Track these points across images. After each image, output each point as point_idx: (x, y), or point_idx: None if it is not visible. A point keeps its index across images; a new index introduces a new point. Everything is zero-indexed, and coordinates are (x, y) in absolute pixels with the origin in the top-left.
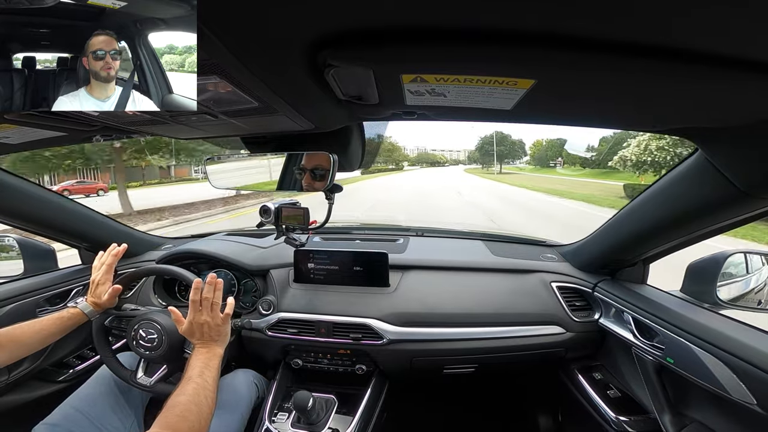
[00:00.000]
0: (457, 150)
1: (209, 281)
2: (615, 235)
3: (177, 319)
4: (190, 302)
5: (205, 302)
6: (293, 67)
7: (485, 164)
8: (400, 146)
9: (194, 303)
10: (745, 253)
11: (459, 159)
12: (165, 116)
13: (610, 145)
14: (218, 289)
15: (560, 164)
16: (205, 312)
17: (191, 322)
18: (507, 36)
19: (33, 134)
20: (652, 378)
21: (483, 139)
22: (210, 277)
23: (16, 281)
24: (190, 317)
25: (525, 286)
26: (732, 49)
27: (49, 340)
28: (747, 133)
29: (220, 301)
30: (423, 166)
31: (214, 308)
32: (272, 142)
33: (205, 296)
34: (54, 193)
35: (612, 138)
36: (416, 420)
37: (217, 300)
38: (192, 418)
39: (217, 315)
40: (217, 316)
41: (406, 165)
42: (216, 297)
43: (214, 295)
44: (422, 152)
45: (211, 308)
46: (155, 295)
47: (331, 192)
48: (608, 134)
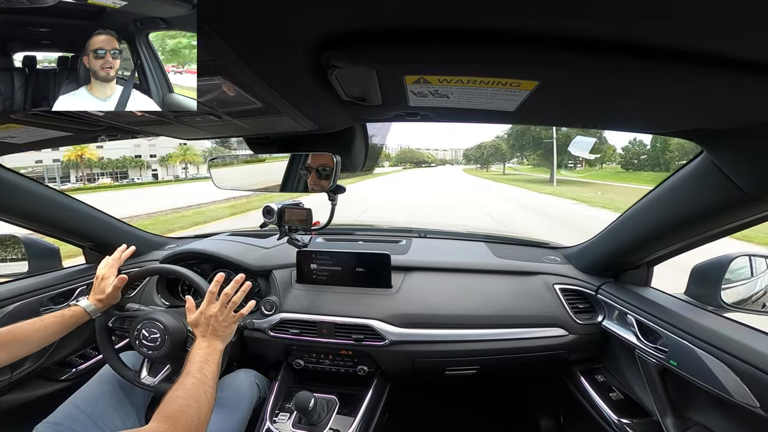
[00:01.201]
0: (443, 149)
1: (237, 279)
2: (619, 237)
3: (190, 306)
4: (207, 293)
5: (223, 297)
6: (297, 68)
7: (483, 164)
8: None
9: (212, 295)
10: (750, 255)
11: (446, 159)
12: (169, 116)
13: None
14: (243, 291)
15: (581, 163)
16: (218, 306)
17: (201, 312)
18: (510, 37)
19: (38, 134)
20: (655, 380)
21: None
22: (239, 277)
23: (20, 280)
24: (202, 307)
25: (528, 287)
26: (736, 50)
27: (50, 339)
28: (752, 135)
29: (239, 301)
30: (406, 167)
31: (230, 306)
32: (276, 143)
33: (226, 292)
34: (58, 192)
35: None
36: (418, 421)
37: (237, 300)
38: (191, 412)
39: (230, 313)
40: (230, 314)
41: (386, 166)
42: (237, 297)
43: (237, 296)
44: (405, 149)
45: (227, 305)
46: (158, 294)
47: (335, 193)
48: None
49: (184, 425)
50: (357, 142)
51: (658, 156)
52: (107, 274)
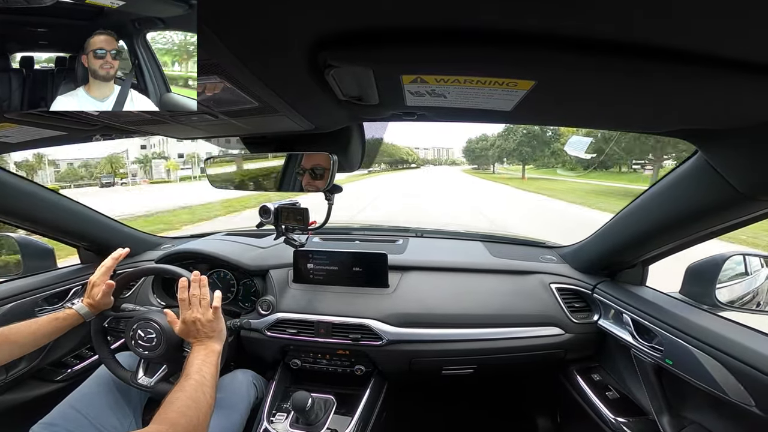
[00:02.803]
0: (425, 148)
1: (194, 279)
2: (614, 236)
3: (171, 320)
4: (179, 301)
5: (193, 299)
6: (294, 68)
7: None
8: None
9: (183, 301)
10: (744, 255)
11: (427, 158)
12: (165, 116)
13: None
14: (203, 285)
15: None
16: (194, 309)
17: (184, 320)
18: (507, 37)
19: (33, 133)
20: (651, 379)
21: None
22: (194, 275)
23: (15, 280)
24: (182, 316)
25: (524, 287)
26: (731, 51)
27: (44, 341)
28: (746, 135)
29: (207, 296)
30: (384, 169)
31: (203, 304)
32: (273, 142)
33: (193, 293)
34: (52, 191)
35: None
36: (415, 420)
37: (205, 296)
38: (191, 414)
39: (207, 310)
40: (207, 312)
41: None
42: (203, 293)
43: (201, 292)
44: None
45: (200, 304)
46: (154, 294)
47: (331, 192)
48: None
49: (184, 426)
50: (354, 142)
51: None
52: (99, 282)
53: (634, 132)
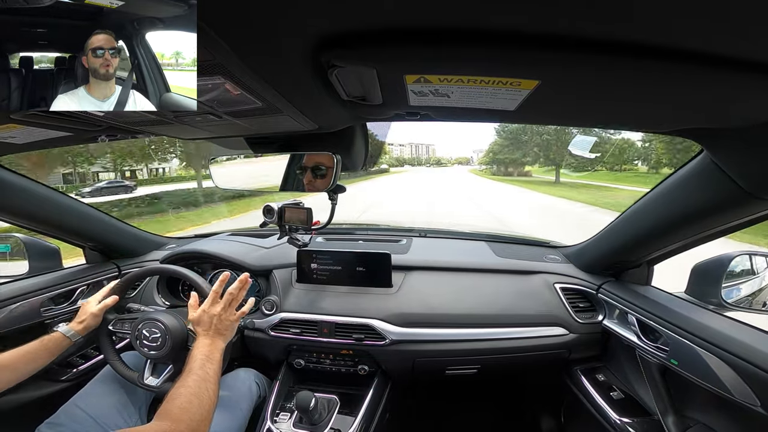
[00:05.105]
0: (400, 144)
1: (241, 279)
2: (619, 236)
3: (193, 303)
4: (211, 292)
5: (227, 296)
6: (297, 68)
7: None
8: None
9: (215, 294)
10: (750, 254)
11: (403, 157)
12: (169, 116)
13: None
14: (244, 289)
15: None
16: (222, 305)
17: (204, 311)
18: (511, 37)
19: (38, 134)
20: (656, 379)
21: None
22: (244, 276)
23: (21, 280)
24: (204, 306)
25: (528, 287)
26: (737, 50)
27: (38, 366)
28: (752, 135)
29: (241, 299)
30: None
31: (233, 304)
32: (276, 142)
33: (231, 291)
34: (58, 191)
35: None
36: (419, 420)
37: (239, 299)
38: (193, 409)
39: (233, 311)
40: (232, 313)
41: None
42: (239, 296)
43: (238, 294)
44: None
45: (230, 304)
46: (159, 294)
47: (335, 192)
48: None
49: (187, 422)
50: (357, 142)
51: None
52: (96, 312)
53: (640, 131)
